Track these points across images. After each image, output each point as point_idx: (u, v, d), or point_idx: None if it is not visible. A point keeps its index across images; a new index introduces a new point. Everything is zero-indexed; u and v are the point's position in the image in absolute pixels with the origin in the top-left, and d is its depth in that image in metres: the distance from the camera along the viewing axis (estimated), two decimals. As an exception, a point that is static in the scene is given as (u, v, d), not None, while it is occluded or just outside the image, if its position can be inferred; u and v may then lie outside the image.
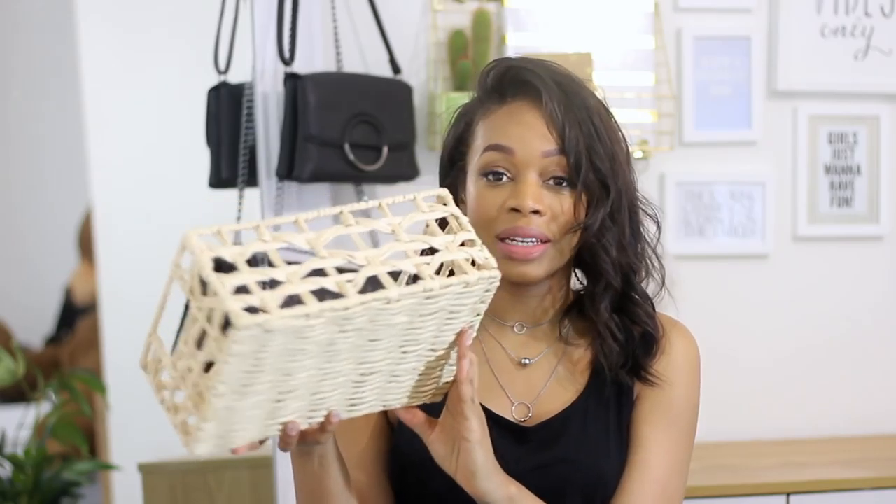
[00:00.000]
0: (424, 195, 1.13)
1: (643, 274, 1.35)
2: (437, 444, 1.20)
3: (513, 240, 1.26)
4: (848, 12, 2.54)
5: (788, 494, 2.18)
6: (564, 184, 1.27)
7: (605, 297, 1.32)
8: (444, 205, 1.14)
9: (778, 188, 2.56)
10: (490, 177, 1.28)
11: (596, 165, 1.26)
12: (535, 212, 1.25)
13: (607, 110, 1.32)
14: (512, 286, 1.31)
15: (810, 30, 2.53)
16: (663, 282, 1.37)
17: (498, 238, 1.27)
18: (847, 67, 2.55)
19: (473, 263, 1.12)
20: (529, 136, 1.26)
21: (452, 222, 1.13)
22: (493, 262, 1.11)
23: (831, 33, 2.54)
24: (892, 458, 2.41)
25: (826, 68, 2.54)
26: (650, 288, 1.37)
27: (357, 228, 1.07)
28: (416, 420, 1.19)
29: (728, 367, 2.54)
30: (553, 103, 1.26)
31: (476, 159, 1.30)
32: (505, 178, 1.27)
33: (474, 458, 1.17)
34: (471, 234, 1.13)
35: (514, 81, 1.29)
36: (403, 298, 1.04)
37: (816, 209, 2.58)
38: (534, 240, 1.26)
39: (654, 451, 1.33)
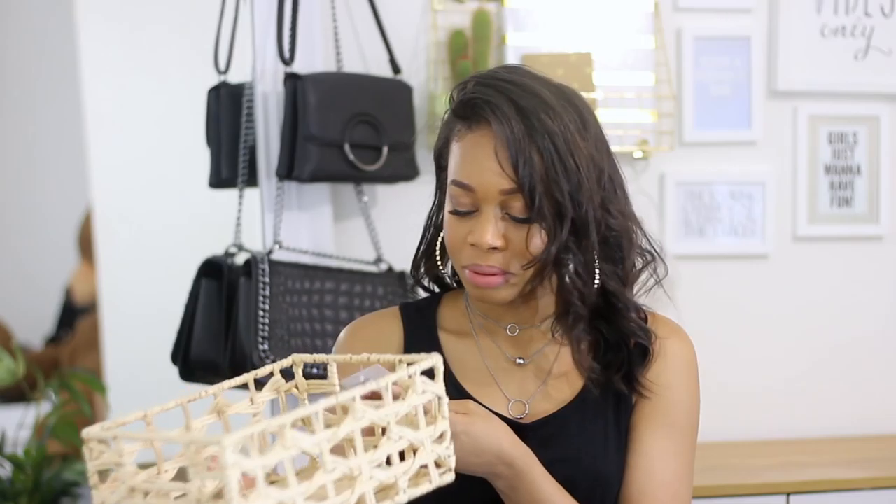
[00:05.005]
0: (420, 367, 1.10)
1: (634, 284, 1.34)
2: None
3: (475, 271, 1.28)
4: (848, 12, 2.54)
5: (788, 494, 2.18)
6: (524, 218, 1.26)
7: (578, 324, 1.31)
8: (432, 376, 1.12)
9: (778, 188, 2.56)
10: (455, 209, 1.29)
11: (554, 198, 1.24)
12: (493, 248, 1.26)
13: (583, 123, 1.28)
14: None
15: (810, 30, 2.53)
16: (658, 280, 1.36)
17: (463, 267, 1.30)
18: (847, 67, 2.55)
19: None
20: (488, 173, 1.25)
21: (434, 404, 1.12)
22: (452, 461, 1.12)
23: (831, 33, 2.54)
24: (892, 458, 2.41)
25: (826, 68, 2.54)
26: (647, 285, 1.36)
27: (359, 424, 1.03)
28: None
29: (728, 366, 2.54)
30: (508, 135, 1.23)
31: (448, 184, 1.31)
32: (469, 209, 1.28)
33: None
34: (445, 423, 1.12)
35: (473, 109, 1.28)
36: None
37: (816, 209, 2.58)
38: (493, 272, 1.27)
39: (657, 455, 1.33)
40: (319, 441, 0.99)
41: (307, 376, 1.25)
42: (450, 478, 1.11)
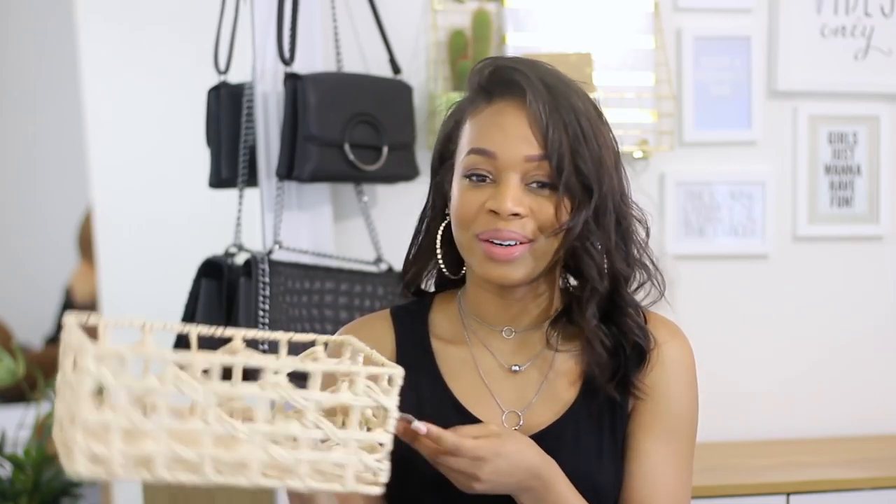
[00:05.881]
0: (369, 371, 1.08)
1: (634, 281, 1.33)
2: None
3: (493, 241, 1.25)
4: (848, 12, 2.54)
5: (788, 494, 2.18)
6: (547, 187, 1.25)
7: (592, 302, 1.30)
8: (390, 384, 1.10)
9: (778, 188, 2.56)
10: (473, 178, 1.27)
11: (580, 169, 1.24)
12: (515, 214, 1.24)
13: (598, 112, 1.30)
14: (495, 288, 1.31)
15: (810, 30, 2.53)
16: (662, 291, 1.35)
17: (478, 238, 1.26)
18: (847, 67, 2.55)
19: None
20: (512, 139, 1.25)
21: (380, 414, 1.10)
22: (381, 476, 1.07)
23: (831, 33, 2.54)
24: (892, 458, 2.41)
25: (826, 68, 2.54)
26: (650, 295, 1.35)
27: (266, 394, 1.03)
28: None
29: (728, 366, 2.54)
30: (538, 104, 1.24)
31: (461, 160, 1.29)
32: (487, 179, 1.26)
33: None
34: (386, 437, 1.08)
35: (501, 81, 1.28)
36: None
37: (816, 209, 2.58)
38: (514, 241, 1.25)
39: (657, 462, 1.32)
40: (205, 391, 1.00)
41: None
42: (374, 490, 1.07)
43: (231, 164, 2.31)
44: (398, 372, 1.09)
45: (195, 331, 1.12)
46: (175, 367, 1.00)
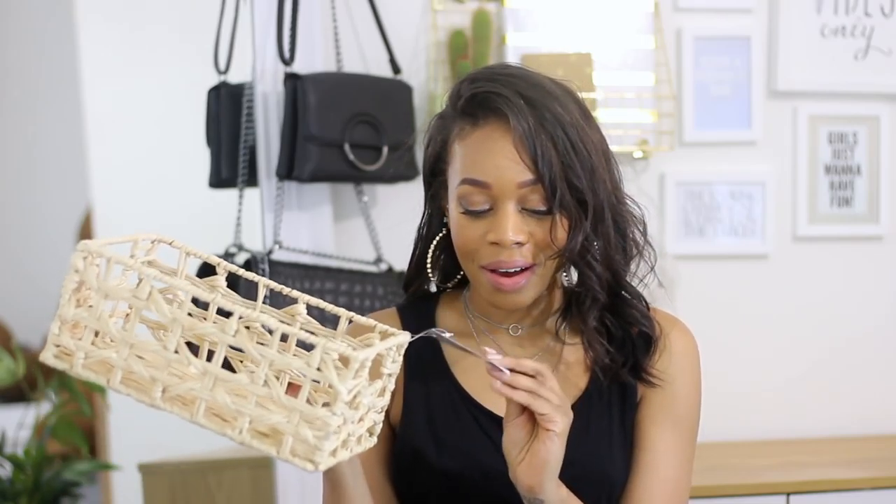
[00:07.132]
0: (388, 345, 1.10)
1: (632, 268, 1.33)
2: (515, 428, 1.18)
3: (498, 271, 1.26)
4: (848, 12, 2.54)
5: (788, 494, 2.18)
6: (543, 210, 1.25)
7: (593, 308, 1.31)
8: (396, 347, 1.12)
9: (778, 188, 2.56)
10: (468, 209, 1.27)
11: (573, 184, 1.24)
12: (518, 243, 1.24)
13: (583, 112, 1.28)
14: None
15: (810, 30, 2.53)
16: (653, 266, 1.35)
17: (483, 269, 1.27)
18: (847, 67, 2.55)
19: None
20: (503, 167, 1.23)
21: (385, 384, 1.12)
22: (319, 457, 1.02)
23: (831, 33, 2.54)
24: (892, 458, 2.41)
25: (826, 68, 2.54)
26: (647, 282, 1.36)
27: (227, 338, 1.04)
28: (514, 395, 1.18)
29: (728, 366, 2.54)
30: (524, 126, 1.22)
31: (454, 186, 1.28)
32: (483, 208, 1.26)
33: (552, 450, 1.17)
34: (335, 419, 1.02)
35: (483, 104, 1.26)
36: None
37: (816, 209, 2.57)
38: (518, 268, 1.26)
39: (662, 451, 1.33)
40: (173, 317, 1.03)
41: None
42: (307, 468, 1.03)
43: (231, 164, 2.30)
44: (405, 338, 1.11)
45: (225, 268, 1.20)
46: (156, 287, 1.04)
